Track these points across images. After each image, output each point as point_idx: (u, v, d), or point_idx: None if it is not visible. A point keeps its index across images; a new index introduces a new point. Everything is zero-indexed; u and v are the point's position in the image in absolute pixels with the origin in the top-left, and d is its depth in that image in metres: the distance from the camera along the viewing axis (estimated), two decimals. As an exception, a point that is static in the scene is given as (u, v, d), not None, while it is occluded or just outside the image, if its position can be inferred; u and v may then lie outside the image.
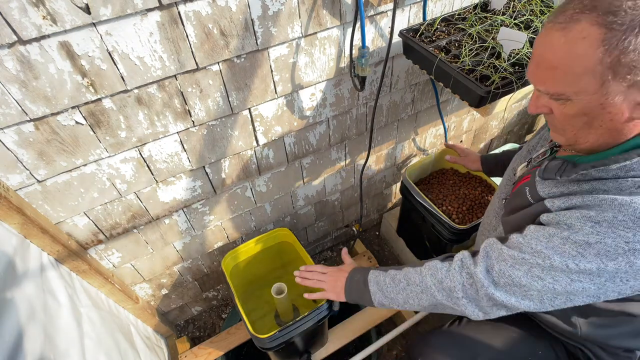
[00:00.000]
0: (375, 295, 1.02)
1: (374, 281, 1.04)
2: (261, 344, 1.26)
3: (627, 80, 0.62)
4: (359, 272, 1.11)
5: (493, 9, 1.34)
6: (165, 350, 1.70)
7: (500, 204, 1.06)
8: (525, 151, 1.06)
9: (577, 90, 0.67)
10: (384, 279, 1.02)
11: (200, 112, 1.14)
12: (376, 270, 1.06)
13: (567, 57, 0.65)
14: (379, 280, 1.03)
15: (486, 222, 1.14)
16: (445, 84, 1.21)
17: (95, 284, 1.29)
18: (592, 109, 0.68)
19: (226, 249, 1.67)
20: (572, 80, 0.66)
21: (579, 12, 0.63)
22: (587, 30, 0.62)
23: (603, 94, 0.65)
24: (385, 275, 1.02)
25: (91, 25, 0.85)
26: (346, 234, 2.23)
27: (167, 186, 1.28)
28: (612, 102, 0.65)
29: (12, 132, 0.92)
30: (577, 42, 0.63)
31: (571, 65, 0.65)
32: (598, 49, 0.61)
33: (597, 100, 0.66)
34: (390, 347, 1.85)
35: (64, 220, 1.15)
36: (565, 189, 0.78)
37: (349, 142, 1.62)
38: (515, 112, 2.29)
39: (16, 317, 0.84)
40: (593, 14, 0.61)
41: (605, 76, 0.63)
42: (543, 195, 0.82)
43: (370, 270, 1.08)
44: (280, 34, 1.10)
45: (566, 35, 0.64)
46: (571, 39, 0.64)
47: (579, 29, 0.62)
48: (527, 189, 0.87)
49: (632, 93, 0.63)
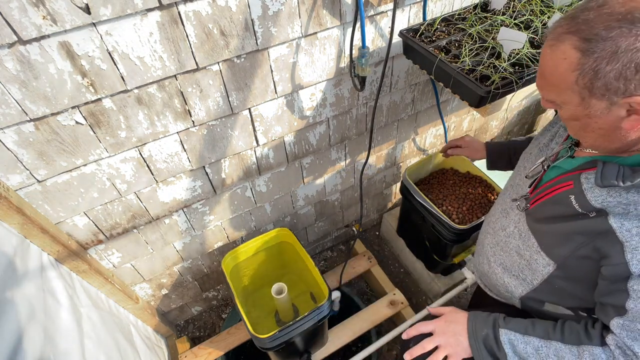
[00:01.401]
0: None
1: (508, 344, 0.89)
2: (261, 344, 1.26)
3: (606, 98, 0.66)
4: (482, 325, 0.94)
5: (493, 9, 1.34)
6: (165, 350, 1.70)
7: (511, 204, 1.02)
8: (536, 149, 1.02)
9: (563, 101, 0.72)
10: (525, 348, 0.87)
11: (200, 112, 1.14)
12: (509, 332, 0.90)
13: (552, 72, 0.70)
14: (515, 346, 0.89)
15: (492, 220, 1.11)
16: (445, 84, 1.21)
17: (95, 284, 1.29)
18: (580, 117, 0.72)
19: (226, 249, 1.67)
20: (558, 92, 0.72)
21: (565, 32, 0.67)
22: (568, 52, 0.66)
23: (585, 107, 0.69)
24: (525, 343, 0.88)
25: (91, 25, 0.85)
26: (346, 234, 2.23)
27: (167, 186, 1.28)
28: (595, 114, 0.69)
29: (12, 132, 0.92)
30: (559, 61, 0.68)
31: (555, 80, 0.70)
32: (574, 71, 0.66)
33: (582, 111, 0.71)
34: (390, 347, 1.85)
35: (64, 220, 1.15)
36: (622, 198, 0.73)
37: (349, 142, 1.62)
38: (515, 112, 2.29)
39: (16, 317, 0.84)
40: (575, 37, 0.65)
41: (583, 94, 0.68)
42: (597, 205, 0.76)
43: (500, 329, 0.91)
44: (280, 34, 1.10)
45: (552, 53, 0.69)
46: (555, 57, 0.69)
47: (562, 49, 0.67)
48: (573, 197, 0.80)
49: (614, 109, 0.67)
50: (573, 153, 0.88)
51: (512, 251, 1.00)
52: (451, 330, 0.97)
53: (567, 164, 0.88)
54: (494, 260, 1.07)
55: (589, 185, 0.78)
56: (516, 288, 1.02)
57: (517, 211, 0.99)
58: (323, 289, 1.36)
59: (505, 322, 0.93)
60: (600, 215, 0.76)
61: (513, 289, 1.03)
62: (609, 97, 0.65)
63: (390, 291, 1.78)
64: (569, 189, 0.82)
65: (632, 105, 0.64)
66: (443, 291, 1.88)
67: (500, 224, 1.06)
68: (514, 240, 0.99)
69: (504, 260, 1.03)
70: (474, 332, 0.94)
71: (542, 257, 0.90)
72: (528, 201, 0.94)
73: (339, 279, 1.79)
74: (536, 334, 0.88)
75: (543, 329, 0.89)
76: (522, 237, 0.97)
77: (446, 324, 0.99)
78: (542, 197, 0.90)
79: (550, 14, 1.27)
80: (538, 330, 0.89)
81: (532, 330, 0.89)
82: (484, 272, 1.13)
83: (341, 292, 1.72)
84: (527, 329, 0.90)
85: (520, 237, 0.97)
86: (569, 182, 0.83)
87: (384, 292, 1.83)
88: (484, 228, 1.17)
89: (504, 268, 1.04)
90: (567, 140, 0.92)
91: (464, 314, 1.00)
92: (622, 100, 0.64)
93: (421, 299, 2.02)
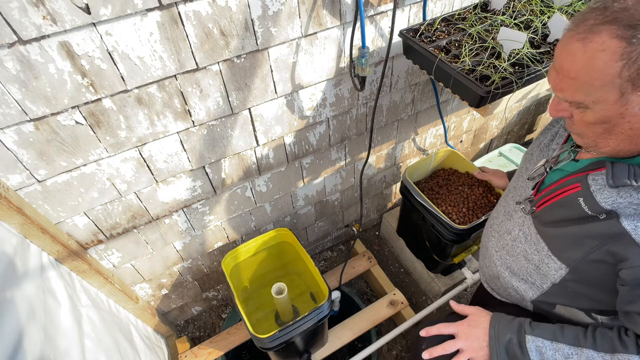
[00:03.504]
0: None
1: (535, 351, 0.86)
2: (261, 344, 1.26)
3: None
4: (506, 330, 0.92)
5: (493, 9, 1.34)
6: (165, 350, 1.70)
7: (515, 207, 1.00)
8: (537, 150, 0.99)
9: (595, 100, 0.67)
10: (554, 355, 0.84)
11: (201, 112, 1.14)
12: (537, 338, 0.87)
13: (586, 68, 0.65)
14: (543, 353, 0.86)
15: (495, 223, 1.09)
16: (445, 84, 1.21)
17: (95, 284, 1.29)
18: (612, 118, 0.67)
19: (226, 249, 1.67)
20: (590, 91, 0.66)
21: (600, 24, 0.62)
22: (607, 42, 0.61)
23: (622, 104, 0.65)
24: (555, 350, 0.85)
25: (91, 25, 0.85)
26: (346, 234, 2.23)
27: (167, 186, 1.28)
28: (632, 112, 0.65)
29: (12, 132, 0.92)
30: (596, 54, 0.63)
31: (590, 76, 0.65)
32: (617, 62, 0.61)
33: (617, 110, 0.66)
34: (390, 347, 1.85)
35: (64, 220, 1.15)
36: (633, 198, 0.71)
37: (349, 142, 1.62)
38: (515, 112, 2.29)
39: (16, 317, 0.84)
40: (613, 26, 0.61)
41: (624, 88, 0.63)
42: (607, 207, 0.74)
43: (526, 335, 0.88)
44: (280, 34, 1.10)
45: (585, 46, 0.64)
46: (590, 50, 0.63)
47: (599, 40, 0.62)
48: (582, 199, 0.78)
49: None
50: (575, 156, 0.85)
51: (520, 255, 0.98)
52: (474, 334, 0.95)
53: (570, 166, 0.86)
54: (501, 264, 1.05)
55: (597, 186, 0.76)
56: (526, 292, 1.00)
57: (521, 214, 0.98)
58: (323, 289, 1.36)
59: (532, 328, 0.89)
60: (610, 218, 0.74)
61: (523, 293, 1.01)
62: None
63: (390, 291, 1.78)
64: (577, 191, 0.80)
65: None
66: (443, 291, 1.88)
67: (504, 227, 1.03)
68: (520, 244, 0.97)
69: (511, 264, 1.01)
70: (496, 337, 0.92)
71: (553, 261, 0.88)
72: (533, 204, 0.92)
73: (339, 279, 1.79)
74: (566, 341, 0.84)
75: (573, 335, 0.85)
76: (528, 240, 0.95)
77: (469, 327, 0.97)
78: (548, 200, 0.88)
79: (550, 14, 1.27)
80: (568, 337, 0.85)
81: (562, 337, 0.85)
82: (492, 275, 1.11)
83: (341, 292, 1.73)
84: (556, 335, 0.86)
85: (526, 240, 0.95)
86: (575, 184, 0.81)
87: (384, 292, 1.83)
88: (487, 230, 1.15)
89: (511, 272, 1.02)
90: (568, 142, 0.90)
91: (487, 317, 0.97)
92: None
93: (421, 299, 2.02)
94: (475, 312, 1.01)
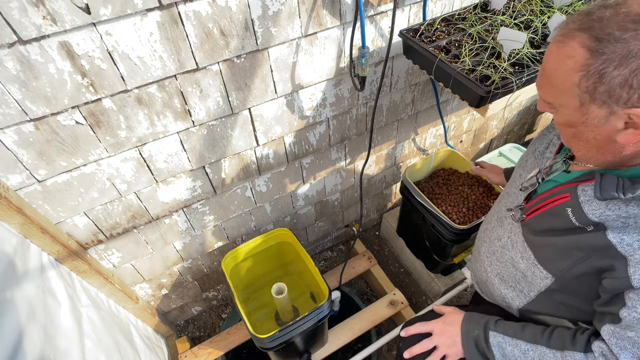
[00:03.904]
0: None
1: (497, 346, 0.91)
2: (261, 344, 1.26)
3: (606, 106, 0.62)
4: (475, 326, 0.97)
5: (493, 9, 1.34)
6: (165, 350, 1.70)
7: (506, 213, 1.00)
8: (532, 157, 0.99)
9: (561, 104, 0.69)
10: (512, 350, 0.89)
11: (201, 112, 1.14)
12: (498, 334, 0.92)
13: (555, 71, 0.66)
14: (504, 349, 0.90)
15: (488, 228, 1.09)
16: (445, 84, 1.21)
17: (95, 284, 1.29)
18: (576, 124, 0.69)
19: (226, 249, 1.67)
20: (557, 93, 0.68)
21: (576, 29, 0.63)
22: (576, 50, 0.62)
23: (583, 113, 0.66)
24: (513, 346, 0.89)
25: (91, 25, 0.85)
26: (346, 234, 2.23)
27: (167, 186, 1.28)
28: (592, 122, 0.66)
29: (12, 132, 0.92)
30: (565, 59, 0.64)
31: (557, 79, 0.66)
32: (579, 72, 0.62)
33: (579, 117, 0.67)
34: (390, 347, 1.85)
35: (64, 220, 1.15)
36: (621, 212, 0.70)
37: (349, 142, 1.62)
38: (515, 112, 2.29)
39: (16, 317, 0.84)
40: (586, 35, 0.61)
41: (583, 99, 0.64)
42: (594, 219, 0.73)
43: (490, 331, 0.93)
44: (280, 34, 1.10)
45: (559, 50, 0.65)
46: (561, 54, 0.65)
47: (571, 46, 0.63)
48: (570, 210, 0.78)
49: (612, 119, 0.63)
50: (568, 167, 0.85)
51: (508, 263, 0.98)
52: (448, 331, 1.01)
53: (561, 177, 0.86)
54: (491, 270, 1.05)
55: (586, 197, 0.76)
56: (513, 300, 1.00)
57: (510, 221, 0.97)
58: (323, 289, 1.36)
59: (496, 325, 0.94)
60: (597, 230, 0.74)
61: (510, 301, 1.01)
62: (609, 106, 0.62)
63: (390, 291, 1.78)
64: (566, 201, 0.80)
65: (631, 117, 0.61)
66: (443, 291, 1.88)
67: (495, 233, 1.04)
68: (507, 251, 0.98)
69: (500, 270, 1.02)
70: (467, 332, 0.98)
71: (539, 270, 0.88)
72: (523, 212, 0.92)
73: (339, 279, 1.79)
74: (524, 338, 0.89)
75: (532, 332, 0.89)
76: (515, 248, 0.95)
77: (444, 325, 1.03)
78: (538, 209, 0.88)
79: (550, 14, 1.27)
80: (527, 334, 0.89)
81: (521, 334, 0.90)
82: (482, 280, 1.11)
83: (341, 292, 1.73)
84: (517, 332, 0.91)
85: (513, 248, 0.95)
86: (565, 194, 0.81)
87: (384, 292, 1.83)
88: (480, 234, 1.15)
89: (500, 279, 1.02)
90: (561, 152, 0.89)
91: (461, 315, 1.02)
92: (622, 110, 0.61)
93: (421, 299, 2.02)
94: (451, 311, 1.06)
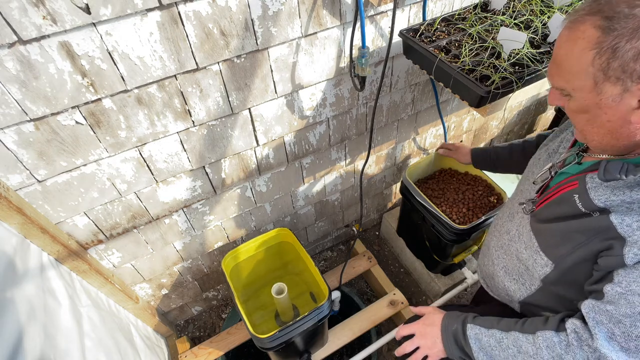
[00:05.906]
0: (479, 355, 0.93)
1: (474, 338, 0.94)
2: (261, 344, 1.26)
3: (620, 83, 0.64)
4: (453, 322, 1.00)
5: (493, 9, 1.34)
6: (165, 350, 1.70)
7: (518, 207, 1.01)
8: (545, 155, 1.00)
9: (575, 88, 0.70)
10: (488, 340, 0.91)
11: (201, 112, 1.14)
12: (475, 326, 0.95)
13: (567, 55, 0.68)
14: (480, 340, 0.93)
15: (499, 223, 1.10)
16: (445, 84, 1.21)
17: (95, 284, 1.29)
18: (590, 108, 0.70)
19: (226, 249, 1.67)
20: (570, 78, 0.70)
21: (587, 14, 0.65)
22: (587, 31, 0.65)
23: (597, 93, 0.67)
24: (489, 336, 0.92)
25: (91, 25, 0.85)
26: (346, 234, 2.23)
27: (167, 186, 1.28)
28: (607, 103, 0.67)
29: (12, 132, 0.92)
30: (576, 42, 0.66)
31: (569, 63, 0.68)
32: (591, 50, 0.64)
33: (593, 99, 0.68)
34: (390, 347, 1.85)
35: (64, 220, 1.15)
36: (626, 197, 0.71)
37: (349, 142, 1.62)
38: (515, 112, 2.29)
39: (16, 316, 0.84)
40: (596, 17, 0.64)
41: (597, 77, 0.66)
42: (599, 205, 0.75)
43: (467, 325, 0.96)
44: (280, 34, 1.10)
45: (570, 34, 0.68)
46: (572, 38, 0.67)
47: (582, 29, 0.65)
48: (577, 196, 0.80)
49: (626, 97, 0.65)
50: (581, 159, 0.86)
51: (513, 255, 1.00)
52: (429, 332, 1.03)
53: (573, 169, 0.87)
54: (497, 263, 1.07)
55: (593, 184, 0.77)
56: (515, 292, 1.02)
57: (521, 215, 0.99)
58: (323, 289, 1.36)
59: (474, 319, 0.97)
60: (602, 215, 0.75)
61: (512, 293, 1.03)
62: (623, 82, 0.63)
63: (390, 291, 1.78)
64: (574, 188, 0.82)
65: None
66: (443, 291, 1.88)
67: (505, 227, 1.06)
68: (514, 243, 0.99)
69: (506, 263, 1.04)
70: (446, 328, 1.00)
71: (540, 257, 0.90)
72: (534, 204, 0.94)
73: (339, 279, 1.79)
74: (499, 328, 0.92)
75: (507, 322, 0.92)
76: (521, 238, 0.97)
77: (424, 326, 1.04)
78: (548, 199, 0.90)
79: (550, 14, 1.27)
80: (502, 325, 0.92)
81: (497, 325, 0.93)
82: (488, 273, 1.13)
83: (341, 292, 1.73)
84: (493, 324, 0.93)
85: (519, 239, 0.97)
86: (574, 182, 0.83)
87: (384, 292, 1.83)
88: (491, 230, 1.17)
89: (505, 271, 1.04)
90: (574, 146, 0.91)
91: (440, 315, 1.04)
92: (636, 86, 0.63)
93: (421, 299, 2.02)
94: (431, 311, 1.08)
